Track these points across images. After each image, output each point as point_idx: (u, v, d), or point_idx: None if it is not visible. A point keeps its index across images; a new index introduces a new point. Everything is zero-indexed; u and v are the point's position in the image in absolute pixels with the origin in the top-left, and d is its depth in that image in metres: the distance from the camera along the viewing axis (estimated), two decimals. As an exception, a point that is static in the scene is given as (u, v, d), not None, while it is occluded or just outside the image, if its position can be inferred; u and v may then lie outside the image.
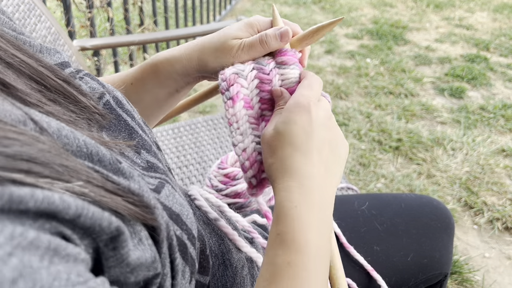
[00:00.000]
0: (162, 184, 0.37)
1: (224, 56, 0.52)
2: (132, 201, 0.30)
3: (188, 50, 0.54)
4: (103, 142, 0.36)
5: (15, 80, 0.34)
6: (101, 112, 0.41)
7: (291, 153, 0.44)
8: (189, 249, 0.36)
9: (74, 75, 0.44)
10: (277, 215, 0.42)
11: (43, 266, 0.21)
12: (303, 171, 0.43)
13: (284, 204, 0.41)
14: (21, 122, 0.29)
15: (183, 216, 0.37)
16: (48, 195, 0.23)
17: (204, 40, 0.54)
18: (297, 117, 0.45)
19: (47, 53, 0.45)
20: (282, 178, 0.43)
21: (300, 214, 0.41)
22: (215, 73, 0.54)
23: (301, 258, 0.38)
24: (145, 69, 0.57)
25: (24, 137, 0.26)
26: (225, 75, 0.51)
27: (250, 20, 0.53)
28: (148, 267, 0.30)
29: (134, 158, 0.39)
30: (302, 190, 0.42)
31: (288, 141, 0.44)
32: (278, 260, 0.39)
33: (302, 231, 0.40)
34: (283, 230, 0.40)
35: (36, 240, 0.22)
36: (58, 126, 0.31)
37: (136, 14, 2.52)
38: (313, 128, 0.45)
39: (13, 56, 0.36)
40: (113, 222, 0.27)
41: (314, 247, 0.39)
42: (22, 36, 0.44)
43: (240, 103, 0.50)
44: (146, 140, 0.43)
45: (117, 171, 0.32)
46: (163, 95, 0.59)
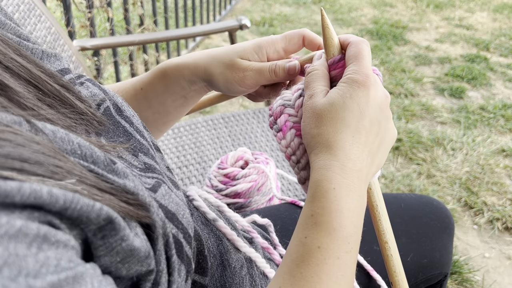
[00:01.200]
0: (159, 183, 0.38)
1: (229, 73, 0.52)
2: (126, 199, 0.31)
3: (196, 59, 0.55)
4: (100, 145, 0.36)
5: (13, 83, 0.34)
6: (99, 119, 0.41)
7: (340, 129, 0.42)
8: (184, 248, 0.36)
9: (74, 81, 0.45)
10: (312, 194, 0.40)
11: (30, 253, 0.22)
12: (348, 152, 0.41)
13: (322, 184, 0.40)
14: (17, 123, 0.29)
15: (178, 215, 0.37)
16: (35, 189, 0.24)
17: (213, 52, 0.54)
18: (353, 92, 0.42)
19: (47, 60, 0.46)
20: (324, 154, 0.41)
21: (337, 197, 0.39)
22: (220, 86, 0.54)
23: (333, 243, 0.38)
24: (155, 74, 0.58)
25: (19, 137, 0.27)
26: (272, 110, 0.49)
27: (260, 43, 0.53)
28: (141, 261, 0.30)
29: (132, 160, 0.40)
30: (343, 172, 0.40)
31: (340, 115, 0.42)
32: (308, 242, 0.38)
33: (337, 216, 0.38)
34: (318, 212, 0.39)
35: (24, 228, 0.22)
36: (53, 128, 0.31)
37: (136, 14, 2.52)
38: (368, 107, 0.42)
39: (12, 60, 0.37)
40: (102, 214, 0.27)
41: (346, 233, 0.38)
42: (25, 42, 0.45)
43: (291, 132, 0.47)
44: (144, 144, 0.43)
45: (112, 171, 0.32)
46: (171, 101, 0.59)
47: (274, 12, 4.14)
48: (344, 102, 0.42)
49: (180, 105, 0.61)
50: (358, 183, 0.41)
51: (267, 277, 0.58)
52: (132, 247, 0.29)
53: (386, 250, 0.49)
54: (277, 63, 0.52)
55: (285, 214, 0.73)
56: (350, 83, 0.43)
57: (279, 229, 0.69)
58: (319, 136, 0.42)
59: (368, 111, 0.43)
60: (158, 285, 0.32)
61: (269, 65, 0.52)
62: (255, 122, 1.28)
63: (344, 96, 0.42)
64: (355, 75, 0.43)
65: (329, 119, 0.42)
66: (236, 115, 1.31)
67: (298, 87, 0.51)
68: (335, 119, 0.42)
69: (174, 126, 1.27)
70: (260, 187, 0.89)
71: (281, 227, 0.70)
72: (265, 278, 0.58)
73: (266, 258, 0.61)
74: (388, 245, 0.48)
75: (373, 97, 0.43)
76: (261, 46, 0.53)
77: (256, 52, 0.53)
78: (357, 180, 0.41)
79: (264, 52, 0.53)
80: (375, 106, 0.43)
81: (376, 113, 0.43)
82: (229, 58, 0.52)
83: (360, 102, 0.42)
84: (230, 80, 0.53)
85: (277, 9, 4.26)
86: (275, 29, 3.66)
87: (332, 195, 0.39)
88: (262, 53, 0.53)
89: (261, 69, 0.52)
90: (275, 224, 0.69)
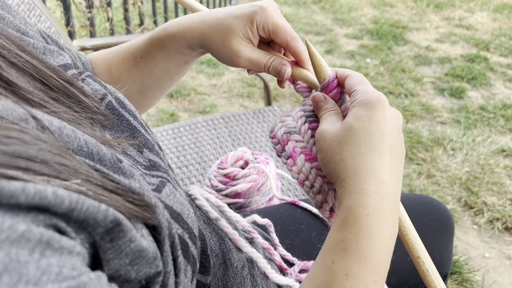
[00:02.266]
0: (163, 183, 0.37)
1: (224, 52, 0.52)
2: (132, 200, 0.30)
3: (192, 28, 0.53)
4: (105, 141, 0.36)
5: (18, 79, 0.34)
6: (103, 112, 0.41)
7: (366, 152, 0.40)
8: (190, 248, 0.36)
9: (77, 77, 0.45)
10: (344, 219, 0.38)
11: (32, 259, 0.21)
12: (379, 174, 0.39)
13: (356, 209, 0.38)
14: (23, 120, 0.29)
15: (184, 215, 0.37)
16: (40, 189, 0.23)
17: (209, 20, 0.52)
18: (371, 113, 0.41)
19: (50, 55, 0.46)
20: (355, 179, 0.39)
21: (371, 224, 0.37)
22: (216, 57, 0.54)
23: (361, 271, 0.36)
24: (153, 42, 0.57)
25: (25, 135, 0.26)
26: (277, 137, 0.49)
27: (251, 15, 0.50)
28: (149, 263, 0.30)
29: (137, 157, 0.39)
30: (378, 196, 0.38)
31: (363, 138, 0.40)
32: (335, 268, 0.36)
33: (369, 243, 0.37)
34: (348, 238, 0.37)
35: (27, 233, 0.22)
36: (60, 125, 0.31)
37: (136, 14, 2.52)
38: (387, 127, 0.41)
39: (16, 56, 0.37)
40: (109, 215, 0.26)
41: (377, 262, 0.37)
42: (26, 37, 0.44)
43: (300, 158, 0.47)
44: (149, 139, 0.43)
45: (118, 170, 0.32)
46: (173, 67, 0.59)
47: (274, 12, 4.13)
48: (364, 125, 0.41)
49: (183, 68, 0.60)
50: (393, 208, 0.39)
51: (268, 277, 0.58)
52: (140, 247, 0.29)
53: (420, 265, 0.44)
54: (273, 62, 0.51)
55: (285, 214, 0.73)
56: (364, 105, 0.42)
57: (279, 229, 0.69)
58: (343, 161, 0.41)
59: (388, 131, 0.41)
60: (165, 287, 0.32)
61: (265, 61, 0.51)
62: (255, 122, 1.28)
63: (362, 119, 0.41)
64: (367, 97, 0.42)
65: (350, 144, 0.41)
66: (236, 115, 1.31)
67: (300, 114, 0.50)
68: (357, 143, 0.40)
69: (174, 126, 1.27)
70: (260, 187, 0.89)
71: (281, 227, 0.70)
72: (266, 278, 0.58)
73: (267, 258, 0.61)
74: (421, 260, 0.44)
75: (390, 117, 0.42)
76: (253, 20, 0.50)
77: (249, 27, 0.50)
78: (391, 204, 0.39)
79: (255, 27, 0.51)
80: (394, 125, 0.42)
81: (395, 133, 0.42)
82: (225, 34, 0.51)
83: (380, 123, 0.41)
84: (224, 57, 0.52)
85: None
86: (275, 29, 3.66)
87: (365, 221, 0.37)
88: (253, 28, 0.51)
89: (257, 61, 0.51)
90: (275, 224, 0.69)
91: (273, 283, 0.59)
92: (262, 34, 0.51)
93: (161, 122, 2.27)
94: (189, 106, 2.47)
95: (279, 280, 0.57)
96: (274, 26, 0.50)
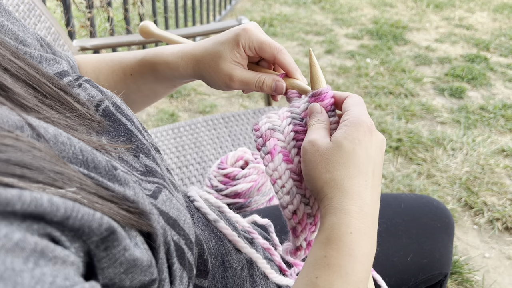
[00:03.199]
0: (159, 189, 0.37)
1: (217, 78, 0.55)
2: (127, 207, 0.30)
3: (184, 60, 0.56)
4: (101, 145, 0.36)
5: (12, 84, 0.34)
6: (98, 120, 0.41)
7: (354, 174, 0.42)
8: (186, 254, 0.36)
9: (73, 84, 0.45)
10: (327, 236, 0.40)
11: (26, 268, 0.21)
12: (363, 196, 0.42)
13: (340, 227, 0.40)
14: (19, 128, 0.29)
15: (180, 221, 0.37)
16: (36, 197, 0.23)
17: (198, 54, 0.55)
18: (361, 136, 0.43)
19: (46, 63, 0.46)
20: (340, 198, 0.41)
21: (353, 242, 0.39)
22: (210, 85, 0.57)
23: (343, 287, 0.38)
24: (144, 65, 0.59)
25: (20, 143, 0.26)
26: (261, 131, 0.50)
27: (236, 38, 0.53)
28: (144, 271, 0.30)
29: (133, 162, 0.39)
30: (361, 216, 0.41)
31: (352, 160, 0.42)
32: (319, 283, 0.38)
33: (351, 260, 0.39)
34: (332, 254, 0.39)
35: (21, 242, 0.22)
36: (55, 133, 0.31)
37: (136, 14, 2.52)
38: (372, 151, 0.44)
39: (10, 62, 0.37)
40: (104, 223, 0.27)
41: (358, 278, 0.39)
42: (22, 46, 0.45)
43: (278, 156, 0.48)
44: (145, 144, 0.43)
45: (113, 178, 0.32)
46: (160, 88, 0.62)
47: (274, 12, 4.13)
48: (354, 147, 0.43)
49: (170, 90, 0.64)
50: (372, 228, 0.42)
51: (268, 278, 0.58)
52: (134, 256, 0.29)
53: None
54: (265, 80, 0.54)
55: (285, 214, 0.73)
56: (355, 126, 0.44)
57: (279, 230, 0.69)
58: (333, 181, 0.42)
59: (373, 155, 0.44)
60: None
61: (256, 80, 0.54)
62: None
63: (354, 142, 0.43)
64: (359, 120, 0.44)
65: (341, 164, 0.42)
66: (236, 115, 1.31)
67: (287, 114, 0.52)
68: (347, 164, 0.42)
69: (174, 126, 1.26)
70: (260, 187, 0.89)
71: (281, 227, 0.70)
72: (266, 279, 0.58)
73: (267, 259, 0.61)
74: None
75: (375, 142, 0.45)
76: (238, 42, 0.53)
77: (236, 50, 0.53)
78: (372, 225, 0.42)
79: (241, 49, 0.53)
80: (378, 150, 0.45)
81: (378, 157, 0.45)
82: (215, 62, 0.54)
83: (367, 146, 0.43)
84: (217, 83, 0.56)
85: (277, 9, 4.26)
86: (275, 29, 3.66)
87: (348, 239, 0.39)
88: (240, 50, 0.53)
89: (248, 81, 0.54)
90: (275, 224, 0.69)
91: (273, 284, 0.59)
92: (250, 53, 0.54)
93: (161, 122, 2.27)
94: (189, 106, 2.47)
95: (279, 280, 0.57)
96: (259, 43, 0.53)
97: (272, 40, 0.53)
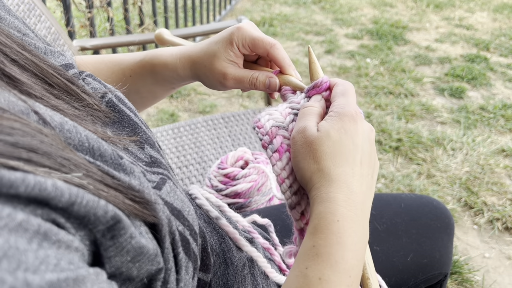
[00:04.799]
0: (164, 180, 0.37)
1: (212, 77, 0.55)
2: (132, 197, 0.30)
3: (182, 61, 0.57)
4: (106, 137, 0.36)
5: (20, 75, 0.34)
6: (104, 110, 0.41)
7: (341, 163, 0.42)
8: (191, 245, 0.36)
9: (78, 76, 0.45)
10: (315, 225, 0.40)
11: (31, 248, 0.21)
12: (350, 184, 0.42)
13: (326, 216, 0.40)
14: (25, 114, 0.29)
15: (184, 212, 0.37)
16: (40, 181, 0.23)
17: (194, 55, 0.56)
18: (346, 126, 0.44)
19: (51, 55, 0.46)
20: (327, 187, 0.41)
21: (341, 229, 0.39)
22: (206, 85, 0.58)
23: (334, 275, 0.37)
24: (144, 66, 0.59)
25: (28, 128, 0.27)
26: (265, 128, 0.48)
27: (229, 37, 0.53)
28: (151, 260, 0.30)
29: (138, 153, 0.40)
30: (348, 204, 0.40)
31: (338, 150, 0.43)
32: (309, 273, 0.37)
33: (340, 248, 0.38)
34: (320, 243, 0.39)
35: (24, 223, 0.22)
36: (61, 120, 0.31)
37: (136, 14, 2.52)
38: (360, 140, 0.44)
39: (18, 53, 0.37)
40: (109, 211, 0.26)
41: (348, 266, 0.38)
42: (27, 38, 0.45)
43: (286, 155, 0.47)
44: (150, 136, 0.43)
45: (118, 167, 0.32)
46: (159, 90, 0.63)
47: (274, 12, 4.13)
48: (340, 137, 0.43)
49: (169, 91, 0.64)
50: (362, 216, 0.41)
51: (268, 277, 0.58)
52: (141, 244, 0.29)
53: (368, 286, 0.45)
54: (258, 77, 0.54)
55: (285, 214, 0.73)
56: (341, 116, 0.44)
57: (279, 229, 0.69)
58: (320, 171, 0.42)
59: (360, 144, 0.44)
60: (167, 284, 0.32)
61: (249, 77, 0.54)
62: (255, 122, 1.28)
63: (340, 131, 0.43)
64: (345, 109, 0.45)
65: (328, 154, 0.43)
66: (236, 115, 1.31)
67: (288, 111, 0.51)
68: (333, 153, 0.43)
69: (174, 126, 1.27)
70: (260, 187, 0.89)
71: (281, 227, 0.70)
72: (266, 278, 0.58)
73: (267, 258, 0.61)
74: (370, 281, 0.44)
75: (362, 131, 0.45)
76: (232, 41, 0.53)
77: (229, 49, 0.54)
78: (361, 212, 0.41)
79: (235, 47, 0.54)
80: (365, 138, 0.45)
81: (366, 146, 0.45)
82: (209, 61, 0.55)
83: (353, 135, 0.44)
84: (213, 82, 0.56)
85: (277, 9, 4.26)
86: (275, 29, 3.66)
87: (335, 227, 0.39)
88: (234, 49, 0.54)
89: (242, 79, 0.54)
90: (275, 224, 0.69)
91: (273, 283, 0.59)
92: (244, 51, 0.55)
93: (161, 122, 2.27)
94: (189, 106, 2.47)
95: (279, 279, 0.57)
96: (252, 40, 0.53)
97: (266, 36, 0.54)
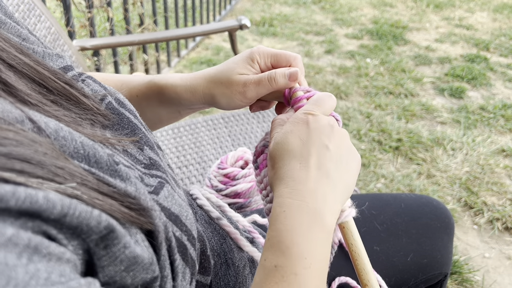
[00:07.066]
0: (162, 184, 0.37)
1: (230, 91, 0.53)
2: (128, 204, 0.30)
3: (193, 84, 0.55)
4: (106, 139, 0.36)
5: (16, 81, 0.34)
6: (104, 112, 0.41)
7: (288, 161, 0.45)
8: (189, 250, 0.36)
9: (77, 78, 0.45)
10: (269, 220, 0.43)
11: (20, 263, 0.21)
12: (296, 176, 0.43)
13: (275, 209, 0.42)
14: (19, 122, 0.29)
15: (182, 217, 0.37)
16: (31, 193, 0.23)
17: (209, 75, 0.55)
18: (293, 127, 0.46)
19: (49, 59, 0.46)
20: (278, 186, 0.44)
21: (287, 218, 0.41)
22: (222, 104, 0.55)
23: (288, 261, 0.38)
24: (152, 88, 0.58)
25: (21, 137, 0.26)
26: (256, 149, 0.54)
27: (252, 55, 0.54)
28: (145, 269, 0.30)
29: (137, 155, 0.40)
30: (292, 195, 0.42)
31: (285, 149, 0.45)
32: (266, 263, 0.39)
33: (288, 234, 0.40)
34: (272, 234, 0.41)
35: (14, 237, 0.22)
36: (56, 127, 0.31)
37: (136, 14, 2.52)
38: (310, 135, 0.45)
39: (15, 58, 0.37)
40: (102, 221, 0.26)
41: (303, 250, 0.39)
42: (25, 43, 0.45)
43: (264, 170, 0.52)
44: (149, 137, 0.43)
45: (114, 173, 0.32)
46: (165, 114, 0.61)
47: (274, 12, 4.13)
48: (287, 137, 0.46)
49: (174, 116, 0.62)
50: (313, 201, 0.42)
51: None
52: (135, 254, 0.29)
53: None
54: (276, 71, 0.53)
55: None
56: (292, 121, 0.47)
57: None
58: (275, 175, 0.45)
59: (310, 139, 0.45)
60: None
61: (267, 74, 0.53)
62: (255, 122, 1.28)
63: (286, 133, 0.46)
64: (298, 115, 0.48)
65: (278, 157, 0.46)
66: (236, 115, 1.31)
67: None
68: (282, 154, 0.45)
69: (174, 126, 1.26)
70: (260, 187, 0.89)
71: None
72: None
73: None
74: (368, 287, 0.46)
75: (313, 128, 0.46)
76: (253, 58, 0.53)
77: (250, 64, 0.54)
78: (311, 199, 0.42)
79: (256, 64, 0.54)
80: (318, 133, 0.46)
81: (320, 139, 0.45)
82: (227, 77, 0.53)
83: (301, 134, 0.46)
84: (232, 97, 0.54)
85: (277, 9, 4.26)
86: (275, 29, 3.66)
87: (282, 217, 0.41)
88: (255, 65, 0.54)
89: (260, 79, 0.53)
90: (275, 224, 0.69)
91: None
92: (265, 68, 0.55)
93: (161, 122, 2.27)
94: (189, 106, 2.47)
95: (279, 280, 0.57)
96: (275, 55, 0.54)
97: (286, 51, 0.55)
